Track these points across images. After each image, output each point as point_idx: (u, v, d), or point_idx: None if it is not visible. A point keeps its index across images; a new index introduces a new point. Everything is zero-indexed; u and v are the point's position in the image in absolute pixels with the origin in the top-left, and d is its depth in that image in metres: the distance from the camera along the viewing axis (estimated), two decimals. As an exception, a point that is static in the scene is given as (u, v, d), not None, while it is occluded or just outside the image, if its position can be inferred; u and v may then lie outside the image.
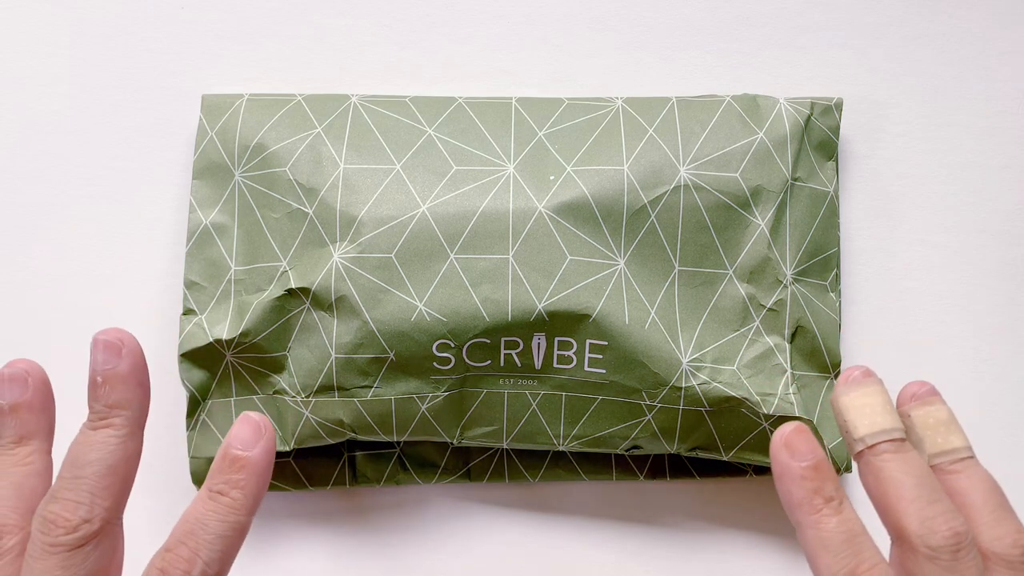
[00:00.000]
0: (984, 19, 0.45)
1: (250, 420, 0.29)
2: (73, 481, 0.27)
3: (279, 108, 0.41)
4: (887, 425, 0.28)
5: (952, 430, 0.29)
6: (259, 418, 0.29)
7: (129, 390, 0.28)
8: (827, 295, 0.42)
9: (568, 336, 0.39)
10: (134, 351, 0.29)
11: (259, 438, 0.29)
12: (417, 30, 0.45)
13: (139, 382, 0.29)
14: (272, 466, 0.29)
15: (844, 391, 0.29)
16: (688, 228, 0.40)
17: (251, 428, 0.29)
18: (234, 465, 0.28)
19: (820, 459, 0.28)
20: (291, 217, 0.40)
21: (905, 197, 0.45)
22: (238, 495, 0.28)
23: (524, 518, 0.43)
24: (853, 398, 0.28)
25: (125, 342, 0.29)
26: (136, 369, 0.29)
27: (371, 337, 0.38)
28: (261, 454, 0.28)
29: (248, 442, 0.28)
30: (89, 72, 0.44)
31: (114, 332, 0.29)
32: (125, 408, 0.28)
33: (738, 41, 0.45)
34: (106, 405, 0.28)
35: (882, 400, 0.28)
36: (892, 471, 0.27)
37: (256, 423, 0.29)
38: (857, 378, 0.29)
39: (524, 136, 0.41)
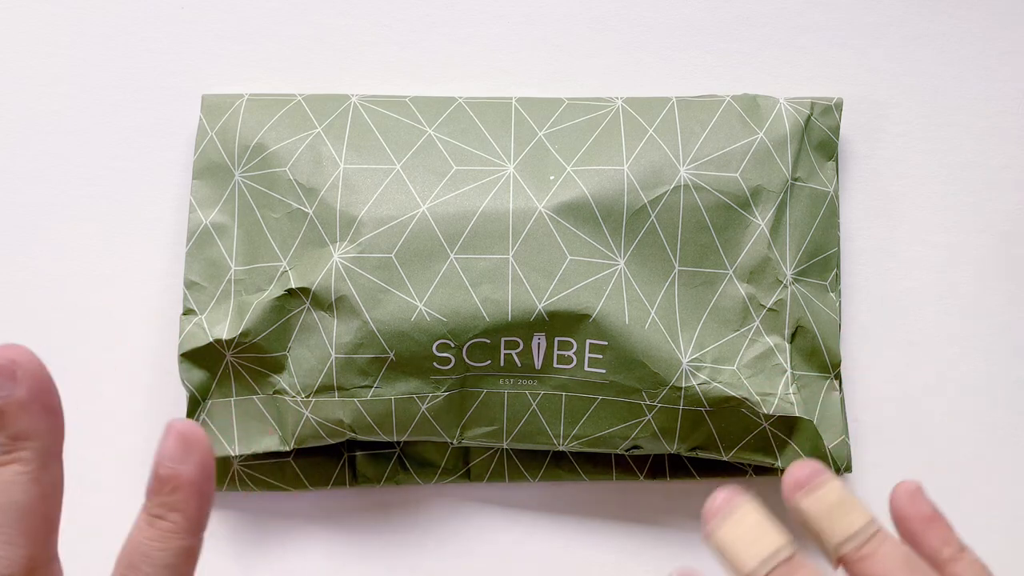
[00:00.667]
0: (984, 19, 0.45)
1: (175, 432, 0.25)
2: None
3: (279, 108, 0.41)
4: (766, 552, 0.26)
5: (848, 510, 0.26)
6: (186, 427, 0.25)
7: (32, 418, 0.24)
8: (827, 295, 0.42)
9: (568, 336, 0.39)
10: (33, 372, 0.24)
11: (190, 451, 0.25)
12: (417, 30, 0.45)
13: (44, 407, 0.24)
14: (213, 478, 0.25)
15: (714, 527, 0.26)
16: (688, 228, 0.40)
17: (178, 441, 0.25)
18: (167, 485, 0.25)
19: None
20: (291, 217, 0.40)
21: (905, 197, 0.45)
22: (178, 518, 0.24)
23: (524, 518, 0.43)
24: (726, 532, 0.26)
25: (20, 361, 0.24)
26: (38, 392, 0.24)
27: (371, 337, 0.38)
28: (195, 469, 0.25)
29: (178, 456, 0.25)
30: (89, 72, 0.44)
31: (5, 351, 0.24)
32: (31, 439, 0.24)
33: (738, 41, 0.45)
34: (9, 437, 0.24)
35: (753, 522, 0.26)
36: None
37: (182, 434, 0.25)
38: (721, 507, 0.26)
39: (524, 136, 0.41)
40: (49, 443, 0.24)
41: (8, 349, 0.24)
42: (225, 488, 0.42)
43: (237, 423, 0.40)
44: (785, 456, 0.40)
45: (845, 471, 0.41)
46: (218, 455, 0.40)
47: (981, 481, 0.43)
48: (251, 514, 0.43)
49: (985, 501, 0.43)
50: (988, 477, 0.43)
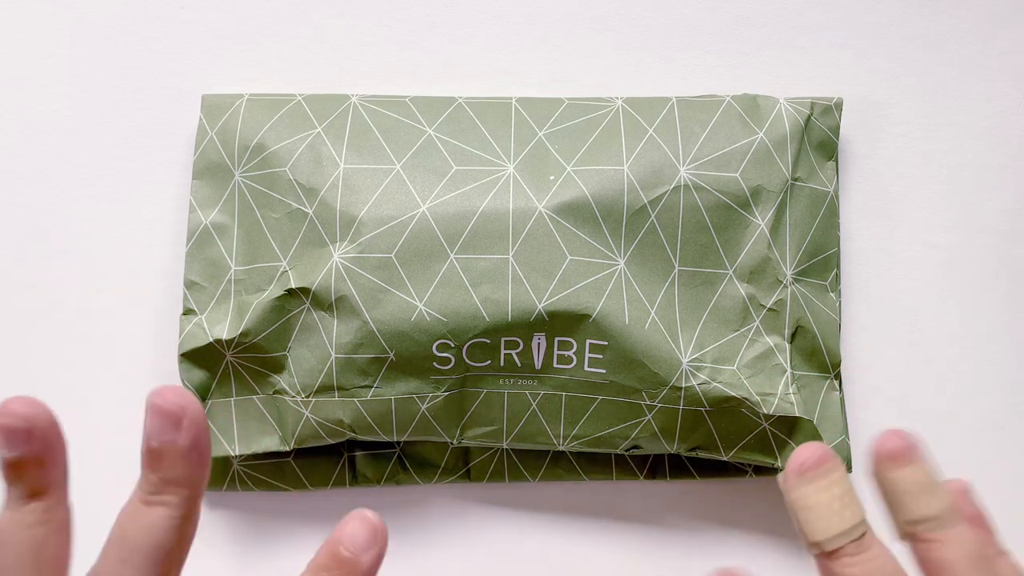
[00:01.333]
0: (984, 19, 0.45)
1: (367, 521, 0.25)
2: (120, 565, 0.24)
3: (279, 108, 0.41)
4: (847, 525, 0.25)
5: (930, 493, 0.26)
6: (375, 520, 0.25)
7: (189, 467, 0.25)
8: (827, 295, 0.42)
9: (568, 336, 0.39)
10: (197, 421, 0.25)
11: (374, 543, 0.25)
12: (417, 30, 0.45)
13: (200, 458, 0.25)
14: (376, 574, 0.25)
15: (796, 483, 0.26)
16: (688, 228, 0.40)
17: (367, 530, 0.25)
18: (342, 567, 0.24)
19: None
20: (291, 217, 0.40)
21: (905, 197, 0.45)
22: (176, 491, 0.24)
23: (524, 518, 0.43)
24: (807, 493, 0.25)
25: (187, 410, 0.24)
26: (198, 443, 0.25)
27: (371, 337, 0.38)
28: (372, 561, 0.25)
29: (361, 545, 0.25)
30: (89, 72, 0.44)
31: (172, 396, 0.24)
32: (183, 486, 0.25)
33: (738, 41, 0.45)
34: (161, 479, 0.25)
35: (841, 492, 0.25)
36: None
37: (373, 525, 0.25)
38: (809, 468, 0.25)
39: (524, 136, 0.41)
40: (197, 493, 0.25)
41: (173, 394, 0.24)
42: (225, 488, 0.42)
43: (237, 423, 0.40)
44: (785, 456, 0.40)
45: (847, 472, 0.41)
46: (218, 455, 0.40)
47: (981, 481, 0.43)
48: (251, 514, 0.43)
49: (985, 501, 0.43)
50: (988, 477, 0.43)
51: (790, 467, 0.26)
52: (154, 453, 0.25)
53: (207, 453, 0.25)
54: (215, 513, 0.43)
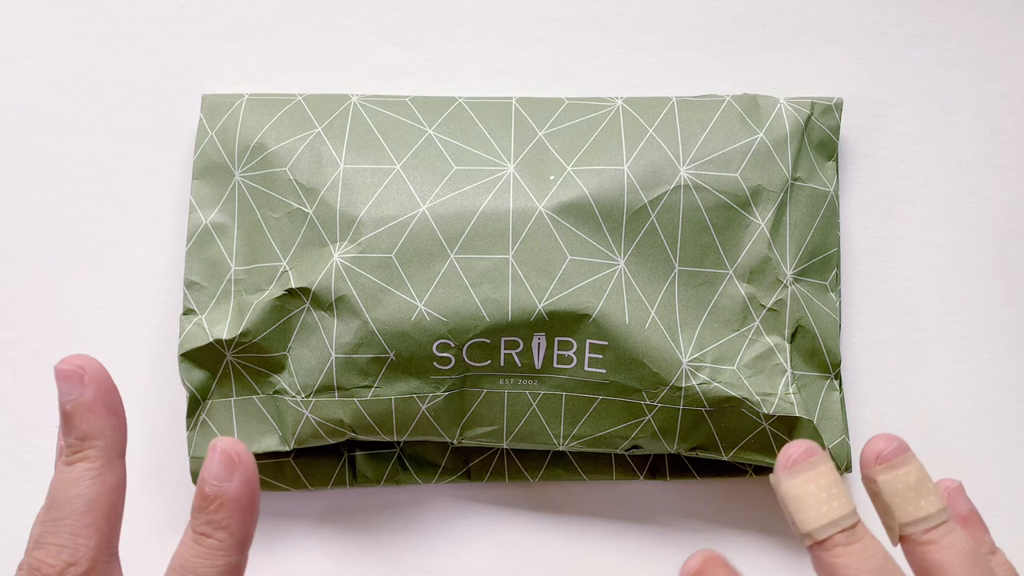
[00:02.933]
0: (984, 19, 0.45)
1: (220, 450, 0.26)
2: (53, 524, 0.25)
3: (279, 108, 0.41)
4: (835, 515, 0.25)
5: (923, 493, 0.26)
6: (230, 445, 0.26)
7: (98, 418, 0.26)
8: (827, 295, 0.42)
9: (568, 336, 0.39)
10: (97, 376, 0.26)
11: (234, 468, 0.26)
12: (417, 30, 0.45)
13: (108, 408, 0.27)
14: (257, 496, 0.26)
15: (785, 477, 0.26)
16: (688, 228, 0.40)
17: (223, 459, 0.26)
18: (212, 503, 0.26)
19: None
20: (291, 217, 0.40)
21: (905, 197, 0.45)
22: (223, 536, 0.25)
23: (524, 518, 0.43)
24: (795, 486, 0.26)
25: (86, 368, 0.26)
26: (102, 394, 0.26)
27: (371, 337, 0.38)
28: (240, 487, 0.26)
29: (222, 475, 0.26)
30: (89, 72, 0.44)
31: (74, 359, 0.27)
32: (97, 438, 0.26)
33: (738, 41, 0.45)
34: (77, 437, 0.26)
35: (828, 483, 0.26)
36: (846, 568, 0.25)
37: (227, 453, 0.26)
38: (797, 460, 0.26)
39: (524, 136, 0.41)
40: (113, 442, 0.26)
41: (75, 357, 0.27)
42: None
43: (237, 423, 0.40)
44: (785, 456, 0.40)
45: (845, 471, 0.41)
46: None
47: (981, 481, 0.43)
48: (251, 514, 0.43)
49: (985, 501, 0.43)
50: (988, 477, 0.43)
51: (778, 463, 0.26)
52: (66, 415, 0.26)
53: (116, 404, 0.27)
54: (215, 513, 0.42)
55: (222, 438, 0.26)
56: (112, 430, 0.27)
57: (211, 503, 0.26)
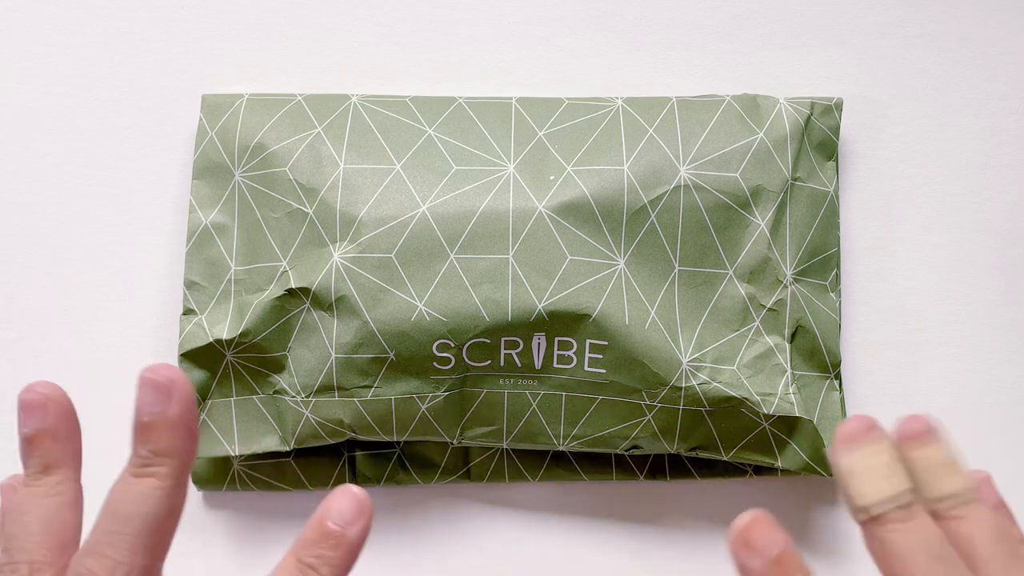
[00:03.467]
0: (984, 19, 0.45)
1: (352, 495, 0.26)
2: (112, 536, 0.25)
3: (279, 108, 0.41)
4: (893, 491, 0.25)
5: (952, 471, 0.26)
6: (361, 494, 0.26)
7: (178, 438, 0.26)
8: (827, 295, 0.42)
9: (568, 336, 0.39)
10: (185, 394, 0.26)
11: (360, 516, 0.26)
12: (417, 30, 0.45)
13: (188, 430, 0.26)
14: (363, 547, 0.27)
15: (845, 450, 0.26)
16: (688, 228, 0.40)
17: (353, 503, 0.26)
18: (330, 540, 0.26)
19: (781, 550, 0.25)
20: (291, 217, 0.40)
21: (905, 197, 0.45)
22: (327, 573, 0.25)
23: (524, 518, 0.43)
24: (855, 460, 0.26)
25: (176, 383, 0.26)
26: (186, 415, 0.26)
27: (371, 337, 0.38)
28: (359, 534, 0.26)
29: (348, 518, 0.26)
30: (89, 72, 0.44)
31: (164, 370, 0.26)
32: (172, 457, 0.26)
33: (738, 41, 0.45)
34: (152, 452, 0.26)
35: (887, 460, 0.26)
36: (901, 545, 0.25)
37: (358, 499, 0.26)
38: (859, 435, 0.26)
39: (524, 136, 0.41)
40: (185, 464, 0.26)
41: (165, 369, 0.26)
42: (225, 488, 0.42)
43: (237, 423, 0.40)
44: (785, 456, 0.40)
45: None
46: (218, 455, 0.40)
47: (981, 481, 0.43)
48: (251, 514, 0.43)
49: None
50: (988, 477, 0.43)
51: (839, 436, 0.26)
52: (144, 426, 0.26)
53: (195, 426, 0.26)
54: (215, 513, 0.42)
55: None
56: (187, 451, 0.26)
57: (329, 539, 0.26)
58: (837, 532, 0.43)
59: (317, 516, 0.26)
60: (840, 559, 0.43)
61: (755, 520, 0.26)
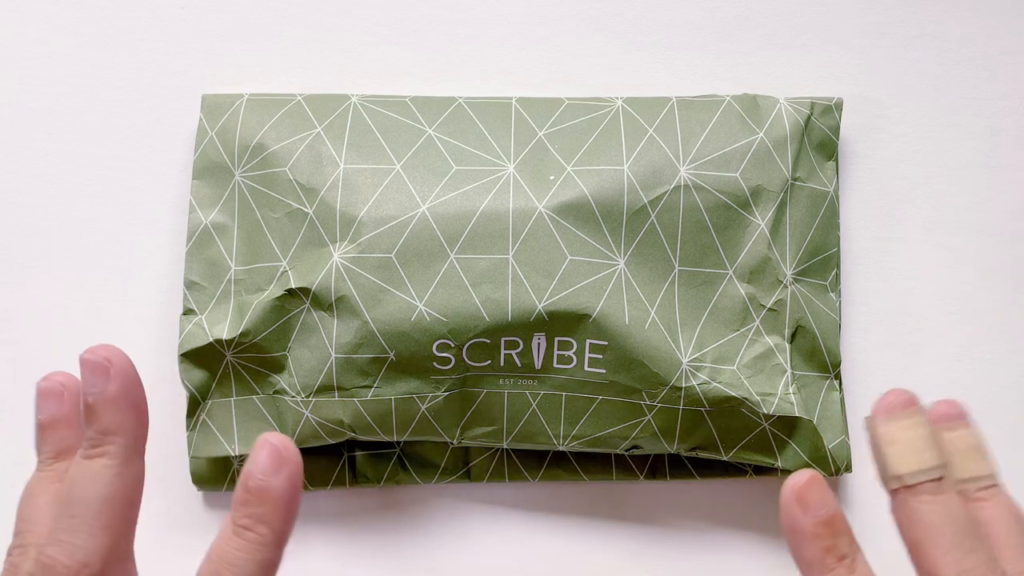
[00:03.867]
0: (984, 19, 0.45)
1: (269, 445, 0.25)
2: (69, 520, 0.25)
3: (279, 108, 0.41)
4: (929, 463, 0.26)
5: (980, 456, 0.28)
6: (280, 441, 0.25)
7: (121, 413, 0.26)
8: (827, 295, 0.42)
9: (568, 336, 0.39)
10: (124, 370, 0.26)
11: (282, 464, 0.25)
12: (417, 30, 0.45)
13: (132, 404, 0.26)
14: (300, 496, 0.26)
15: (885, 420, 0.27)
16: (688, 228, 0.40)
17: (271, 454, 0.25)
18: (258, 497, 0.25)
19: (833, 513, 0.26)
20: (291, 217, 0.40)
21: (905, 197, 0.45)
22: (264, 531, 0.25)
23: (524, 518, 0.43)
24: (895, 430, 0.26)
25: (113, 360, 0.26)
26: (127, 389, 0.26)
27: (371, 337, 0.38)
28: (285, 483, 0.25)
29: (269, 470, 0.25)
30: (89, 72, 0.44)
31: (101, 350, 0.26)
32: (118, 434, 0.25)
33: (738, 41, 0.45)
34: (98, 432, 0.25)
35: (925, 433, 0.26)
36: (930, 516, 0.26)
37: (277, 448, 0.25)
38: (901, 406, 0.27)
39: (524, 136, 0.41)
40: (134, 439, 0.26)
41: (102, 348, 0.25)
42: (225, 488, 0.42)
43: (237, 423, 0.40)
44: (785, 456, 0.40)
45: (845, 471, 0.41)
46: (218, 455, 0.40)
47: (981, 481, 0.43)
48: (251, 514, 0.43)
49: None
50: (988, 477, 0.43)
51: (878, 407, 0.27)
52: (89, 407, 0.26)
53: (141, 400, 0.26)
54: (215, 513, 0.43)
55: (272, 433, 0.26)
56: (134, 426, 0.26)
57: (258, 496, 0.25)
58: (837, 532, 0.43)
59: (243, 475, 0.25)
60: (840, 559, 0.43)
61: (812, 480, 0.26)
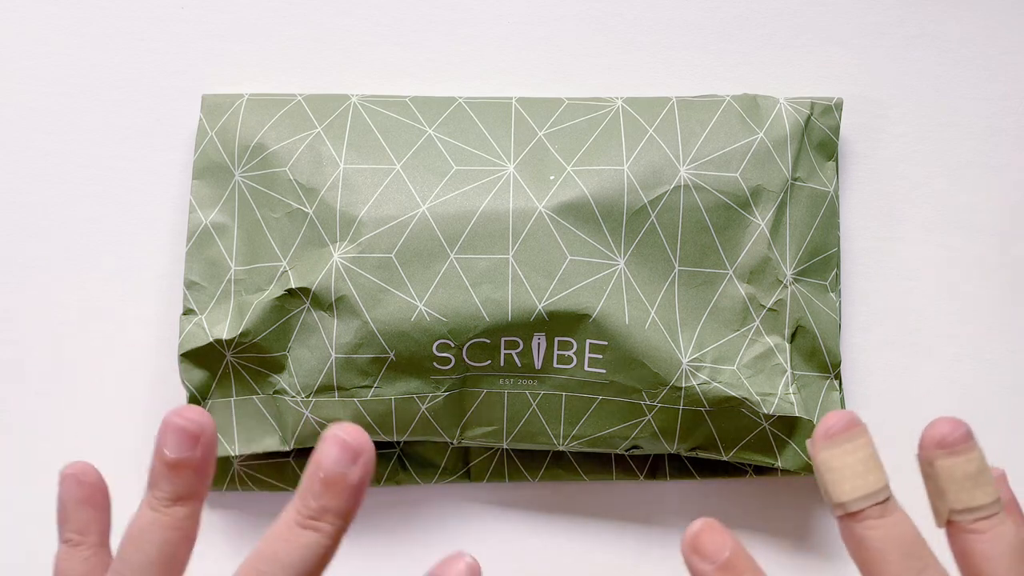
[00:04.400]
0: (984, 19, 0.45)
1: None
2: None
3: (279, 108, 0.41)
4: (870, 488, 0.25)
5: (979, 484, 0.26)
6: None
7: (352, 501, 0.25)
8: (827, 295, 0.42)
9: (568, 336, 0.39)
10: (369, 460, 0.25)
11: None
12: (417, 30, 0.45)
13: (362, 495, 0.26)
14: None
15: (823, 446, 0.26)
16: (688, 228, 0.40)
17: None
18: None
19: (731, 554, 0.26)
20: (291, 217, 0.40)
21: (905, 197, 0.45)
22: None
23: (524, 518, 0.43)
24: (832, 456, 0.26)
25: (364, 451, 0.25)
26: (365, 480, 0.26)
27: (371, 337, 0.38)
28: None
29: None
30: (89, 72, 0.44)
31: (355, 434, 0.25)
32: (340, 517, 0.25)
33: (738, 41, 0.45)
34: (321, 506, 0.25)
35: (865, 456, 0.26)
36: (876, 541, 0.25)
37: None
38: (837, 430, 0.26)
39: (524, 136, 0.41)
40: (346, 526, 0.26)
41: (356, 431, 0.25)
42: (225, 488, 0.42)
43: (237, 423, 0.40)
44: (785, 456, 0.40)
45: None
46: (218, 455, 0.40)
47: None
48: (251, 514, 0.43)
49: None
50: (988, 477, 0.43)
51: (818, 431, 0.26)
52: (326, 483, 0.25)
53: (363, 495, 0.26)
54: (215, 513, 0.43)
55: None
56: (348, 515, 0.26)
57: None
58: (837, 532, 0.43)
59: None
60: (840, 559, 0.43)
61: (704, 526, 0.26)
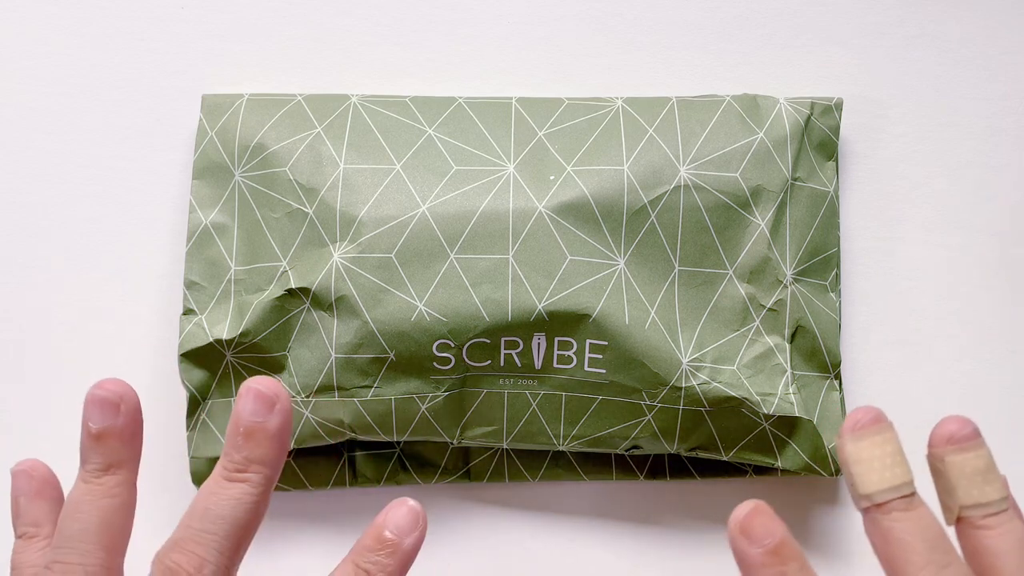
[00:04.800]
0: (984, 19, 0.45)
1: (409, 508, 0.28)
2: (201, 534, 0.26)
3: (279, 108, 0.41)
4: (897, 481, 0.26)
5: (989, 479, 0.26)
6: (265, 384, 0.27)
7: (274, 449, 0.27)
8: (827, 295, 0.42)
9: (568, 336, 0.39)
10: (285, 408, 0.27)
11: (415, 527, 0.28)
12: (417, 30, 0.45)
13: (283, 442, 0.27)
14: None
15: (851, 439, 0.26)
16: (688, 228, 0.40)
17: (410, 516, 0.28)
18: (387, 547, 0.27)
19: (779, 540, 0.26)
20: (291, 217, 0.40)
21: (905, 197, 0.45)
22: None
23: (524, 518, 0.43)
24: (860, 448, 0.26)
25: (280, 398, 0.27)
26: (284, 428, 0.27)
27: (371, 337, 0.38)
28: (414, 543, 0.28)
29: (405, 529, 0.27)
30: (89, 72, 0.44)
31: (269, 384, 0.27)
32: (265, 466, 0.27)
33: (738, 41, 0.45)
34: (246, 458, 0.26)
35: (892, 450, 0.26)
36: (901, 533, 0.25)
37: (415, 511, 0.28)
38: (866, 424, 0.26)
39: (524, 136, 0.41)
40: (274, 474, 0.27)
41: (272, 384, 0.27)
42: (225, 488, 0.42)
43: (237, 423, 0.40)
44: (785, 456, 0.40)
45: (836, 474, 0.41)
46: (218, 455, 0.40)
47: (981, 481, 0.43)
48: (251, 514, 0.43)
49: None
50: (988, 477, 0.43)
51: (846, 425, 0.27)
52: (245, 432, 0.26)
53: (288, 439, 0.27)
54: (215, 513, 0.42)
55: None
56: (278, 462, 0.27)
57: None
58: (837, 532, 0.43)
59: (376, 525, 0.27)
60: (840, 559, 0.43)
61: (755, 509, 0.26)
